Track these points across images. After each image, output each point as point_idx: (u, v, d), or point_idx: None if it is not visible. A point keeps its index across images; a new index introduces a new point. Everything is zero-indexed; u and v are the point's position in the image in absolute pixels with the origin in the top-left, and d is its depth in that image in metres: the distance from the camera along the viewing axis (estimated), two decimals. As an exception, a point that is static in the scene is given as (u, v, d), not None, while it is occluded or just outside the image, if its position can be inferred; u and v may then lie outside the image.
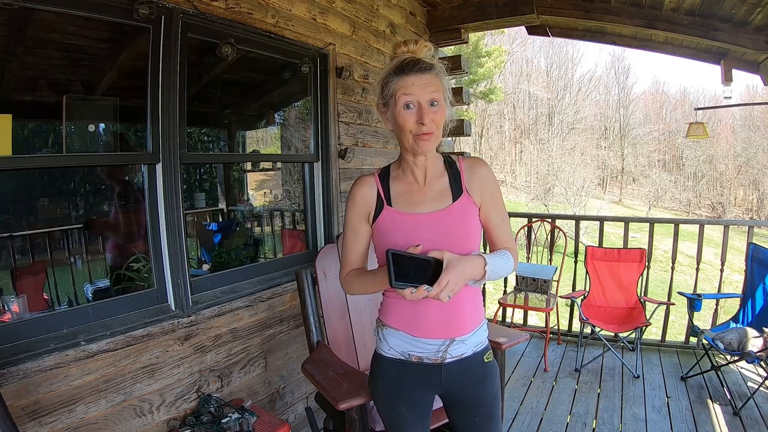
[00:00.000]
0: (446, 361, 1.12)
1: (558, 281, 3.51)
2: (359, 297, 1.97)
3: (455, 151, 4.15)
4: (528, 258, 3.81)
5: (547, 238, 3.73)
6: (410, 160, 1.12)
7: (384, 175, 1.16)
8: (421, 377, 1.14)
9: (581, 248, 3.56)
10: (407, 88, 1.02)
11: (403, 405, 1.17)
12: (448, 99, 1.08)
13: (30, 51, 2.21)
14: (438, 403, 1.25)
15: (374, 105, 1.14)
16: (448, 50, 4.02)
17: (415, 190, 1.13)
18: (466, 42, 3.67)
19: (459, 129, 3.61)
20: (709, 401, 2.59)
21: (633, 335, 3.14)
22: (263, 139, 4.33)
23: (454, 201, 1.10)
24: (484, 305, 1.40)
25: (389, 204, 1.12)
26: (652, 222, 3.63)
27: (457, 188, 1.12)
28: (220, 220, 4.12)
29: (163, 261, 1.76)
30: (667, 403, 2.60)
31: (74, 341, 1.44)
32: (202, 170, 4.14)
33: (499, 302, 3.50)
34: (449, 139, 3.98)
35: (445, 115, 1.07)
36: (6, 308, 1.88)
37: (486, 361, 1.17)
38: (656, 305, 3.06)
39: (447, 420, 1.26)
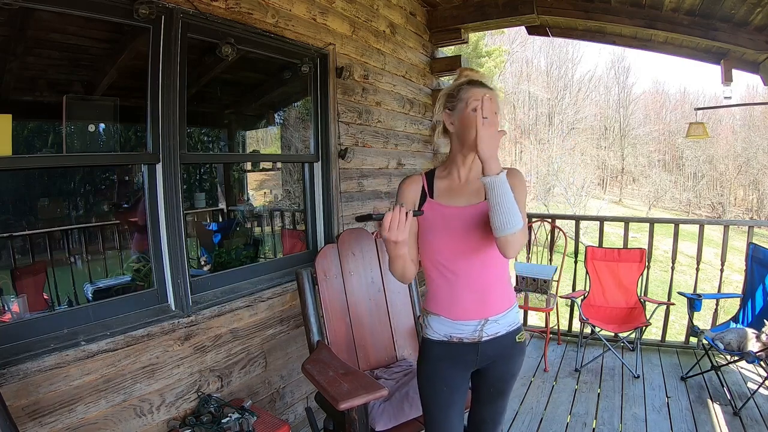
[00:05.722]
0: (483, 339, 1.28)
1: (558, 281, 3.51)
2: (359, 297, 1.99)
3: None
4: (528, 258, 3.81)
5: (547, 238, 3.72)
6: (459, 160, 1.31)
7: (430, 174, 1.37)
8: (461, 355, 1.30)
9: (581, 248, 3.56)
10: (479, 96, 1.23)
11: (444, 383, 1.31)
12: (501, 117, 1.29)
13: (30, 51, 2.21)
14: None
15: (374, 107, 1.19)
16: (448, 50, 4.01)
17: (456, 187, 1.32)
18: (466, 42, 3.67)
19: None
20: (709, 401, 2.60)
21: (633, 335, 3.14)
22: (263, 139, 4.33)
23: (485, 199, 1.24)
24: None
25: (431, 197, 1.32)
26: (652, 222, 3.63)
27: None
28: (220, 220, 4.12)
29: (163, 261, 1.76)
30: (667, 403, 2.60)
31: (74, 341, 1.44)
32: (202, 170, 4.14)
33: (499, 302, 3.49)
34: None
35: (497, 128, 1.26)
36: (6, 308, 1.89)
37: (518, 341, 1.33)
38: (656, 305, 3.06)
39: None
